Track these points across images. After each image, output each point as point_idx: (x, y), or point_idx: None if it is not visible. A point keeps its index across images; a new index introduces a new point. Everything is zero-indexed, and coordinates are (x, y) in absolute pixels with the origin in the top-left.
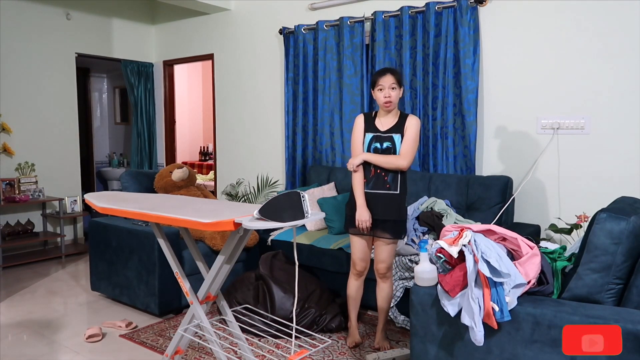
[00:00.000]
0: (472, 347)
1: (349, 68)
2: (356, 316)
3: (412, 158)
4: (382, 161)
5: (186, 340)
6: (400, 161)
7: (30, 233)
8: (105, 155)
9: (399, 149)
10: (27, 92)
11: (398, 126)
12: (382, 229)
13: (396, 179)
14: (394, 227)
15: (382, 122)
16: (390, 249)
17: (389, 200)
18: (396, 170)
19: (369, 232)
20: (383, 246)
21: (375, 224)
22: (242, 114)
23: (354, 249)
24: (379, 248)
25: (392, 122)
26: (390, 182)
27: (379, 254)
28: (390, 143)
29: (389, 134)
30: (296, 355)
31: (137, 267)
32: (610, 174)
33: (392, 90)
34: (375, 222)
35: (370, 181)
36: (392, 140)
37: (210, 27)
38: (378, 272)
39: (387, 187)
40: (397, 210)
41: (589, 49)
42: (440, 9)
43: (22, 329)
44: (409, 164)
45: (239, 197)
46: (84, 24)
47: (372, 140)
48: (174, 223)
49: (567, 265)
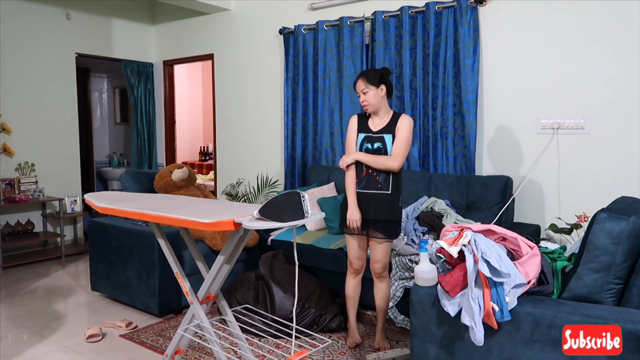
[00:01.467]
0: (472, 347)
1: (349, 68)
2: (355, 316)
3: (403, 159)
4: (373, 161)
5: (186, 340)
6: (391, 162)
7: (30, 233)
8: (105, 155)
9: (389, 150)
10: (27, 92)
11: (389, 126)
12: (374, 228)
13: (388, 179)
14: (386, 227)
15: (375, 123)
16: (384, 249)
17: (380, 200)
18: (387, 170)
19: (360, 232)
20: (376, 246)
21: (368, 223)
22: (242, 114)
23: (349, 248)
24: (373, 248)
25: (384, 122)
26: (382, 182)
27: (373, 254)
28: (381, 143)
29: (380, 135)
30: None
31: (137, 267)
32: (610, 174)
33: (365, 94)
34: (368, 222)
35: (362, 181)
36: (383, 141)
37: (210, 27)
38: (374, 272)
39: (378, 187)
40: (389, 210)
41: (589, 49)
42: (440, 9)
43: (22, 329)
44: (400, 165)
45: (239, 197)
46: (84, 24)
47: (364, 140)
48: (174, 223)
49: (567, 265)
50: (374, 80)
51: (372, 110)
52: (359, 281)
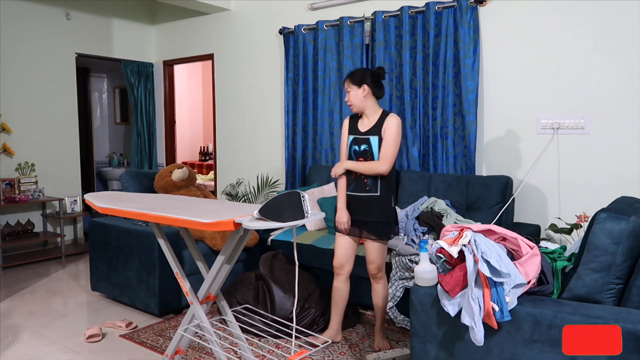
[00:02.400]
0: (472, 347)
1: (349, 68)
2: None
3: (391, 162)
4: (362, 168)
5: (186, 340)
6: (380, 166)
7: (30, 233)
8: (105, 155)
9: (375, 152)
10: (27, 92)
11: (376, 127)
12: (365, 229)
13: (376, 181)
14: (376, 228)
15: (364, 123)
16: (376, 249)
17: (369, 203)
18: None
19: (348, 233)
20: (369, 246)
21: (358, 224)
22: (242, 114)
23: (336, 245)
24: (366, 248)
25: (371, 123)
26: (370, 184)
27: (367, 255)
28: (367, 146)
29: (367, 136)
30: (296, 355)
31: (137, 267)
32: (610, 174)
33: (348, 93)
34: (358, 223)
35: (352, 184)
36: (369, 143)
37: (210, 27)
38: (369, 273)
39: (367, 190)
40: (378, 211)
41: (589, 49)
42: (440, 9)
43: (22, 329)
44: (389, 168)
45: (239, 197)
46: (84, 24)
47: (353, 142)
48: (174, 223)
49: (567, 265)
50: (356, 80)
51: (356, 110)
52: (343, 285)
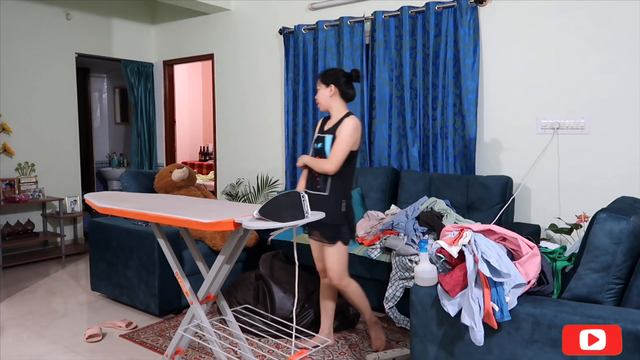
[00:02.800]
0: (472, 347)
1: (349, 68)
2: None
3: (338, 162)
4: (313, 165)
5: (186, 340)
6: (326, 165)
7: (30, 233)
8: (105, 155)
9: (327, 150)
10: (27, 92)
11: (334, 127)
12: (318, 230)
13: (327, 180)
14: (325, 230)
15: (329, 123)
16: (330, 254)
17: (317, 201)
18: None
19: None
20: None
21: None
22: (242, 114)
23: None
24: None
25: (333, 122)
26: (321, 183)
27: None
28: (322, 144)
29: (323, 135)
30: (296, 355)
31: (137, 267)
32: (610, 174)
33: (317, 91)
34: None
35: (308, 180)
36: (323, 141)
37: (210, 27)
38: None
39: (317, 188)
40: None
41: (589, 49)
42: (440, 9)
43: (22, 329)
44: (336, 168)
45: (239, 197)
46: (84, 24)
47: (314, 140)
48: (174, 223)
49: (567, 265)
50: (325, 79)
51: (322, 108)
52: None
